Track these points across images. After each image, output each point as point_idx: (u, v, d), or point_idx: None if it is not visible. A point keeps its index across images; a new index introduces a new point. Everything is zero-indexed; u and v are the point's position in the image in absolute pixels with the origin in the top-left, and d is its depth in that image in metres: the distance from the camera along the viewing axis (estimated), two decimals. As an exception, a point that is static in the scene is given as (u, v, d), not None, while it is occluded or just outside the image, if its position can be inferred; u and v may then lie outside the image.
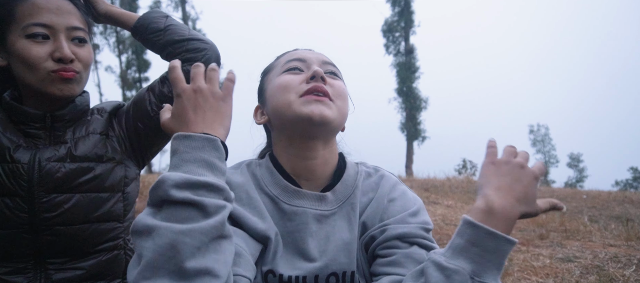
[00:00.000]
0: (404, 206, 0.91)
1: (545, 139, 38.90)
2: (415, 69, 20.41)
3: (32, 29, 1.03)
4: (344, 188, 0.92)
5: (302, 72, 0.92)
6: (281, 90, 0.89)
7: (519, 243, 3.08)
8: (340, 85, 0.93)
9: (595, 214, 5.11)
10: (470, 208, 0.80)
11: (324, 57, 0.96)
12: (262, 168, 0.94)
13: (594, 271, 2.23)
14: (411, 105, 20.18)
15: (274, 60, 1.02)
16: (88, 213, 1.11)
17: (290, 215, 0.88)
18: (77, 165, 1.10)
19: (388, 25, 20.73)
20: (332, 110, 0.87)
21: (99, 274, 1.16)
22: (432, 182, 8.11)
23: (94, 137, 1.16)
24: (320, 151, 0.91)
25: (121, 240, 1.20)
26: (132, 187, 1.22)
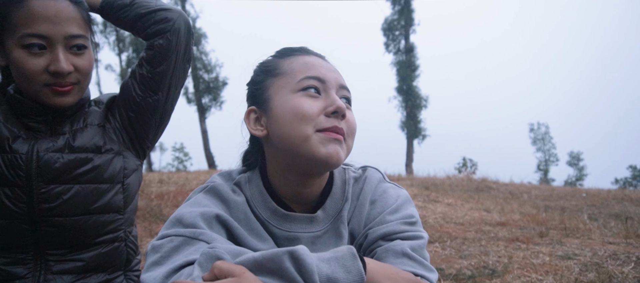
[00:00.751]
0: (384, 206, 0.89)
1: (545, 137, 38.87)
2: (415, 67, 20.38)
3: (28, 40, 1.00)
4: (334, 203, 0.90)
5: (319, 96, 0.84)
6: (297, 119, 0.81)
7: (519, 240, 3.09)
8: (353, 119, 0.88)
9: (594, 212, 5.12)
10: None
11: (340, 80, 0.88)
12: (252, 187, 0.90)
13: (593, 268, 2.25)
14: (411, 104, 20.16)
15: (278, 58, 0.91)
16: (87, 205, 1.10)
17: (282, 240, 0.86)
18: (76, 156, 1.10)
19: (388, 24, 20.70)
20: (344, 152, 0.83)
21: (99, 266, 1.15)
22: (432, 180, 8.12)
23: (92, 129, 1.15)
24: (317, 181, 0.88)
25: (122, 232, 1.19)
26: (132, 179, 1.21)
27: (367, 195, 0.92)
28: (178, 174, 7.02)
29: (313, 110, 0.81)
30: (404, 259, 0.80)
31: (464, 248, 2.94)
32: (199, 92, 19.21)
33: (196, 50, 19.41)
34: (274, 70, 0.89)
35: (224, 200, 0.87)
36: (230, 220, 0.83)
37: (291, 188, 0.88)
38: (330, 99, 0.83)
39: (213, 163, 17.95)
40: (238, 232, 0.83)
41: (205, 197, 0.87)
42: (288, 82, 0.85)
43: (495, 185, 7.93)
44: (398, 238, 0.84)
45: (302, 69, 0.86)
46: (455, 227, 3.73)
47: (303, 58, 0.88)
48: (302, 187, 0.87)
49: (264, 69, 0.92)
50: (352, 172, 0.96)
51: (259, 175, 0.91)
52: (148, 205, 4.19)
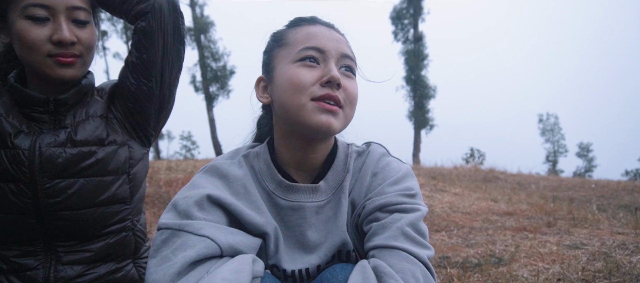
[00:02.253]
0: (384, 177, 0.91)
1: (554, 128, 38.44)
2: (423, 56, 20.20)
3: (31, 10, 1.01)
4: (335, 175, 0.93)
5: (318, 66, 0.86)
6: (293, 88, 0.85)
7: (526, 230, 3.08)
8: (353, 88, 0.89)
9: (603, 203, 5.08)
10: None
11: (342, 49, 0.89)
12: (260, 160, 0.93)
13: (601, 258, 2.24)
14: (420, 94, 20.02)
15: (288, 29, 0.94)
16: (93, 198, 1.10)
17: (287, 210, 0.90)
18: (78, 150, 1.09)
19: (397, 12, 20.49)
20: (339, 121, 0.86)
21: (108, 256, 1.17)
22: (439, 170, 8.09)
23: (95, 120, 1.14)
24: (319, 147, 0.92)
25: (129, 222, 1.20)
26: (138, 168, 1.20)
27: (369, 167, 0.94)
28: (186, 162, 7.08)
29: (308, 79, 0.85)
30: (399, 236, 0.82)
31: (470, 237, 2.94)
32: (206, 81, 19.23)
33: (204, 39, 19.38)
34: (281, 40, 0.93)
35: (223, 176, 0.89)
36: (224, 197, 0.84)
37: (295, 154, 0.92)
38: (326, 69, 0.86)
39: (220, 151, 18.04)
40: (234, 207, 0.85)
41: (202, 177, 0.89)
42: (290, 52, 0.89)
43: (502, 175, 7.89)
44: (396, 211, 0.85)
45: (303, 39, 0.89)
46: (462, 216, 3.73)
47: (308, 28, 0.91)
48: (305, 153, 0.91)
49: (273, 39, 0.96)
50: (355, 146, 0.99)
51: (267, 149, 0.94)
52: (157, 192, 4.24)
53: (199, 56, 19.34)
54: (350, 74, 0.90)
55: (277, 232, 0.88)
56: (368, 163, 0.95)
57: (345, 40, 0.92)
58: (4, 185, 1.04)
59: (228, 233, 0.80)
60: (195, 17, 19.07)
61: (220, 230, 0.80)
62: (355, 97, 0.89)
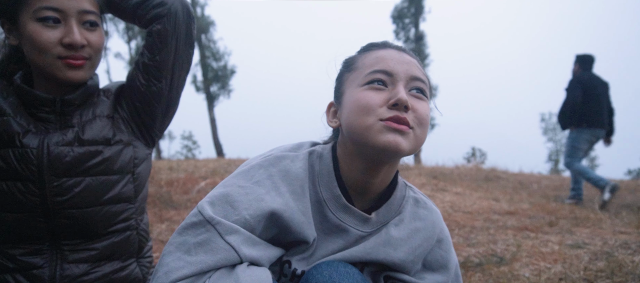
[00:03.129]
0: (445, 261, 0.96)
1: (557, 127, 38.34)
2: (425, 56, 20.18)
3: (43, 13, 1.03)
4: (388, 211, 0.93)
5: (386, 89, 0.85)
6: (360, 110, 0.84)
7: (528, 229, 3.07)
8: (424, 109, 0.87)
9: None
10: None
11: (412, 71, 0.88)
12: (322, 163, 0.92)
13: (603, 257, 2.23)
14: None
15: (358, 54, 0.95)
16: (99, 196, 1.12)
17: (333, 226, 0.90)
18: (86, 149, 1.10)
19: (398, 11, 20.47)
20: (409, 141, 0.83)
21: (113, 254, 1.18)
22: (440, 169, 8.08)
23: (101, 120, 1.15)
24: (383, 171, 0.90)
25: (133, 221, 1.21)
26: (142, 168, 1.22)
27: (428, 231, 0.95)
28: (187, 162, 7.09)
29: (375, 102, 0.84)
30: None
31: (472, 237, 2.93)
32: (207, 81, 19.25)
33: (205, 38, 19.40)
34: (351, 65, 0.94)
35: (285, 173, 0.88)
36: (282, 211, 0.83)
37: (357, 175, 0.90)
38: (394, 91, 0.84)
39: (221, 151, 18.06)
40: (287, 219, 0.84)
41: (264, 172, 0.87)
42: (358, 76, 0.89)
43: (504, 175, 7.87)
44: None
45: (372, 62, 0.88)
46: (463, 216, 3.72)
47: (377, 52, 0.90)
48: (367, 176, 0.90)
49: (344, 65, 0.96)
50: (412, 192, 0.99)
51: (331, 154, 0.93)
52: (158, 191, 4.24)
53: (199, 56, 19.36)
54: (421, 95, 0.88)
55: (315, 242, 0.89)
56: (427, 225, 0.96)
57: (415, 63, 0.91)
58: (11, 184, 1.06)
59: (254, 246, 0.80)
60: (196, 17, 19.08)
61: (247, 241, 0.79)
62: (426, 119, 0.87)
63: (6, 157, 1.05)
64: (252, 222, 0.80)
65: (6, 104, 1.09)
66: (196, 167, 5.91)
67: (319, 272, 0.83)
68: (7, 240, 1.09)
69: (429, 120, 0.88)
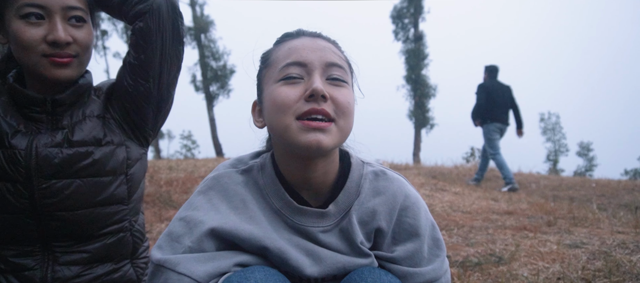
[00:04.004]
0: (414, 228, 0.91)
1: (555, 127, 38.41)
2: (424, 56, 20.17)
3: (26, 10, 1.00)
4: (346, 197, 0.89)
5: (301, 81, 0.82)
6: (277, 109, 0.82)
7: (527, 229, 3.08)
8: (344, 97, 0.83)
9: (604, 202, 5.07)
10: None
11: (327, 57, 0.84)
12: (265, 176, 0.91)
13: (601, 257, 2.24)
14: (420, 93, 20.00)
15: (273, 47, 0.92)
16: (90, 198, 1.10)
17: (295, 231, 0.88)
18: (75, 151, 1.08)
19: (397, 12, 20.45)
20: (332, 136, 0.81)
21: (106, 256, 1.16)
22: (439, 169, 8.09)
23: (92, 121, 1.13)
24: (320, 165, 0.88)
25: (127, 222, 1.19)
26: (136, 168, 1.19)
27: (391, 199, 0.90)
28: (186, 161, 7.08)
29: (290, 98, 0.81)
30: None
31: (470, 236, 2.94)
32: (206, 80, 19.23)
33: (204, 38, 19.36)
34: (267, 60, 0.90)
35: (222, 190, 0.90)
36: (227, 228, 0.85)
37: (297, 174, 0.88)
38: (309, 82, 0.81)
39: (221, 151, 18.04)
40: (228, 232, 0.85)
41: (201, 196, 0.90)
42: (273, 71, 0.86)
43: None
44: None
45: (285, 55, 0.85)
46: (462, 216, 3.73)
47: (290, 43, 0.87)
48: (305, 172, 0.88)
49: (262, 60, 0.93)
50: (370, 166, 0.94)
51: (271, 162, 0.92)
52: (157, 191, 4.24)
53: (199, 55, 19.33)
54: (340, 82, 0.84)
55: (280, 245, 0.86)
56: (387, 196, 0.90)
57: (332, 47, 0.87)
58: (1, 185, 1.04)
59: (207, 261, 0.81)
60: (195, 17, 19.06)
61: (198, 261, 0.81)
62: (347, 107, 0.83)
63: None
64: (195, 247, 0.83)
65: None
66: (195, 166, 5.91)
67: (362, 278, 0.82)
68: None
69: (351, 107, 0.84)
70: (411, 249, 0.89)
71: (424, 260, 0.89)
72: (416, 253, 0.89)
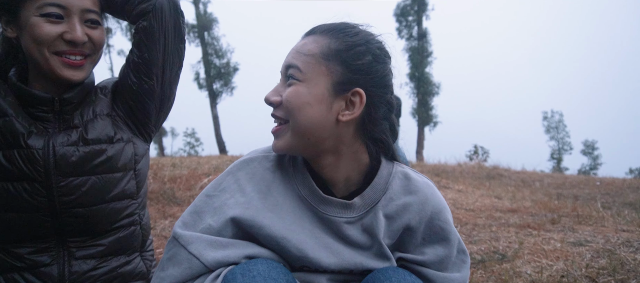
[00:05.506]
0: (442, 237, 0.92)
1: (559, 125, 38.22)
2: (428, 53, 20.12)
3: (47, 8, 1.03)
4: (373, 192, 0.90)
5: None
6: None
7: (530, 227, 3.07)
8: (288, 97, 0.84)
9: (608, 201, 5.06)
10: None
11: (288, 59, 0.89)
12: (295, 163, 0.93)
13: (605, 255, 2.23)
14: (423, 91, 19.95)
15: None
16: (104, 194, 1.13)
17: (319, 219, 0.90)
18: (90, 148, 1.11)
19: (401, 9, 20.39)
20: (284, 140, 0.86)
21: (119, 249, 1.20)
22: (443, 167, 8.08)
23: (103, 119, 1.16)
24: (328, 161, 0.89)
25: (137, 216, 1.23)
26: (142, 164, 1.23)
27: (424, 205, 0.91)
28: (190, 159, 7.11)
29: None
30: None
31: (474, 234, 2.94)
32: (210, 78, 19.25)
33: (207, 36, 19.38)
34: None
35: (251, 175, 0.92)
36: (247, 216, 0.87)
37: (319, 170, 0.91)
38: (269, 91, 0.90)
39: (224, 148, 18.08)
40: (249, 223, 0.87)
41: (231, 177, 0.93)
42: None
43: (506, 172, 7.86)
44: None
45: None
46: (465, 213, 3.72)
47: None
48: (318, 168, 0.90)
49: None
50: (400, 167, 0.95)
51: None
52: (161, 188, 4.26)
53: (202, 53, 19.36)
54: (292, 79, 0.86)
55: (300, 237, 0.87)
56: (419, 197, 0.91)
57: (308, 47, 0.86)
58: (18, 185, 1.06)
59: (218, 248, 0.83)
60: (199, 14, 19.08)
61: (212, 245, 0.83)
62: (293, 105, 0.84)
63: (12, 158, 1.05)
64: (216, 226, 0.86)
65: (6, 104, 1.09)
66: (199, 163, 5.93)
67: (387, 277, 0.83)
68: (13, 240, 1.10)
69: (296, 104, 0.84)
70: (442, 254, 0.90)
71: (452, 266, 0.91)
72: (446, 259, 0.90)
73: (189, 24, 19.22)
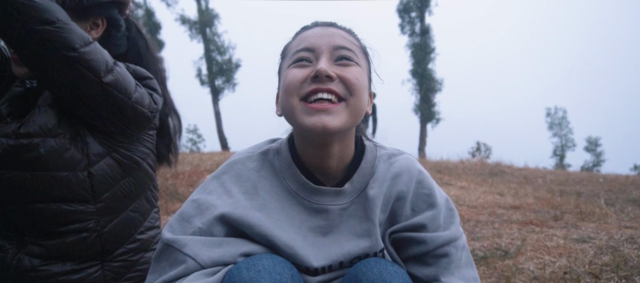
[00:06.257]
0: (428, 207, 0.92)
1: (562, 122, 38.01)
2: (430, 50, 20.03)
3: None
4: (361, 177, 0.92)
5: (310, 65, 0.86)
6: (285, 91, 0.86)
7: (533, 224, 3.07)
8: (353, 74, 0.85)
9: (611, 197, 5.03)
10: None
11: (335, 41, 0.87)
12: (281, 159, 0.93)
13: (608, 251, 2.22)
14: (426, 87, 19.89)
15: (290, 40, 0.96)
16: (43, 193, 1.04)
17: (313, 211, 0.90)
18: (18, 142, 1.02)
19: (403, 5, 20.30)
20: (339, 117, 0.82)
21: (64, 255, 1.10)
22: (445, 164, 8.06)
23: (45, 110, 1.06)
24: (336, 150, 0.90)
25: (92, 223, 1.11)
26: (101, 166, 1.10)
27: (406, 180, 0.93)
28: (192, 155, 7.12)
29: (297, 79, 0.84)
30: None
31: (476, 231, 2.93)
32: (212, 74, 19.25)
33: (209, 32, 19.36)
34: (284, 52, 0.95)
35: (236, 175, 0.92)
36: (236, 215, 0.86)
37: (313, 158, 0.91)
38: (315, 67, 0.85)
39: (226, 144, 18.10)
40: (237, 220, 0.86)
41: (216, 181, 0.92)
42: (287, 61, 0.90)
43: (509, 169, 7.84)
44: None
45: (297, 44, 0.90)
46: (468, 210, 3.72)
47: (303, 34, 0.92)
48: (322, 156, 0.90)
49: (281, 54, 0.97)
50: (383, 149, 0.98)
51: (288, 147, 0.94)
52: (164, 184, 4.27)
53: (204, 49, 19.34)
54: (348, 62, 0.86)
55: (289, 237, 0.87)
56: (403, 174, 0.93)
57: (342, 33, 0.90)
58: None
59: (213, 247, 0.83)
60: (200, 10, 19.04)
61: (205, 245, 0.82)
62: (356, 84, 0.84)
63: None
64: (205, 228, 0.85)
65: None
66: (201, 160, 5.94)
67: (369, 268, 0.83)
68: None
69: (361, 84, 0.85)
70: (430, 216, 0.91)
71: (441, 228, 0.92)
72: (434, 220, 0.92)
73: (190, 19, 19.20)
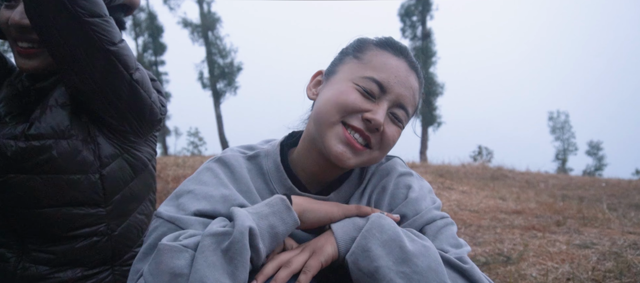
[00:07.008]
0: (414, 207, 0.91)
1: (565, 126, 37.96)
2: (432, 53, 20.05)
3: None
4: (349, 187, 0.93)
5: (372, 100, 0.84)
6: (334, 103, 0.84)
7: (535, 229, 3.05)
8: (392, 134, 0.86)
9: (614, 202, 5.01)
10: None
11: (405, 97, 0.86)
12: (268, 161, 0.92)
13: (611, 257, 2.20)
14: (427, 91, 19.85)
15: (374, 45, 0.90)
16: (53, 197, 1.01)
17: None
18: (28, 144, 0.99)
19: (405, 9, 20.34)
20: (359, 159, 0.84)
21: (74, 260, 1.07)
22: (446, 168, 8.04)
23: (57, 110, 1.03)
24: (337, 171, 0.91)
25: (103, 226, 1.09)
26: (112, 168, 1.08)
27: (389, 183, 0.93)
28: (193, 158, 7.11)
29: (353, 104, 0.83)
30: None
31: (478, 236, 2.92)
32: (213, 78, 19.30)
33: (211, 35, 19.42)
34: (360, 51, 0.90)
35: (231, 171, 0.89)
36: (239, 201, 0.84)
37: (312, 164, 0.90)
38: (376, 108, 0.83)
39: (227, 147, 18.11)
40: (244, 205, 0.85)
41: (209, 171, 0.89)
42: (359, 69, 0.86)
43: (511, 173, 7.82)
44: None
45: (378, 66, 0.86)
46: (469, 215, 3.70)
47: (390, 59, 0.87)
48: (321, 167, 0.89)
49: (355, 45, 0.93)
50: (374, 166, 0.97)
51: (279, 151, 0.93)
52: (165, 187, 4.27)
53: (206, 53, 19.40)
54: (397, 122, 0.87)
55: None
56: (389, 167, 0.94)
57: (416, 87, 0.90)
58: None
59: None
60: (202, 14, 19.11)
61: (205, 225, 0.79)
62: (390, 143, 0.87)
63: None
64: (209, 208, 0.81)
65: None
66: (202, 163, 5.93)
67: None
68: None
69: (393, 144, 0.88)
70: (411, 202, 0.90)
71: (423, 211, 0.89)
72: (416, 207, 0.90)
73: (193, 23, 19.26)
